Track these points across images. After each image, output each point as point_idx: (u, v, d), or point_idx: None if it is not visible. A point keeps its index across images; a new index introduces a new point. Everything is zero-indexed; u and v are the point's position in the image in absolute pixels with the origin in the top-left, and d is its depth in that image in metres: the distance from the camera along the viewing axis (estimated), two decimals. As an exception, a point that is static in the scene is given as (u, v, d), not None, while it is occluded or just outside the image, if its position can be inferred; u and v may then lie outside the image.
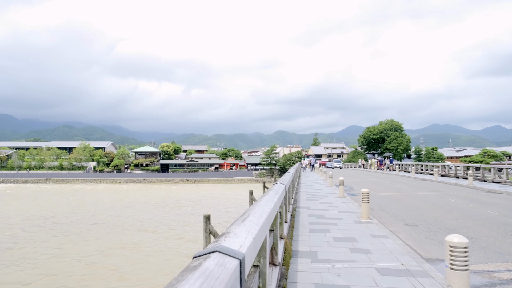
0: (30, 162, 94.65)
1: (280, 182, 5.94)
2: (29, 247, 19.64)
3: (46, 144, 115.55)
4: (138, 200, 43.21)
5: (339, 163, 70.57)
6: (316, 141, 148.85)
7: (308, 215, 10.12)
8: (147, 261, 16.76)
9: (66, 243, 20.68)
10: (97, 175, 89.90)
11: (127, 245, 20.12)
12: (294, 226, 8.32)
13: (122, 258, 17.19)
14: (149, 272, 15.06)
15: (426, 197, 15.74)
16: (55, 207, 37.31)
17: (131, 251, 18.72)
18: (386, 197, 15.99)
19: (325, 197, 14.83)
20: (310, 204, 12.51)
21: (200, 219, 26.24)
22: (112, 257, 17.42)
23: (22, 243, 20.77)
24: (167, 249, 18.98)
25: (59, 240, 21.44)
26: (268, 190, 4.69)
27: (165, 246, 19.81)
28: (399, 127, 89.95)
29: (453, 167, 30.49)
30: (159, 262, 16.53)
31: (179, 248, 19.20)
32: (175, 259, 16.94)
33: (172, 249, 19.01)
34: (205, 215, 18.71)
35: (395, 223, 9.62)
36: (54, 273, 14.99)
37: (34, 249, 19.28)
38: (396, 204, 13.61)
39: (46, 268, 15.74)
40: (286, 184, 6.02)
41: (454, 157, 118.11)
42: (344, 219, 9.47)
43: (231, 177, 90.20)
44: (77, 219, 29.59)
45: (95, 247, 19.63)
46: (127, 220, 28.66)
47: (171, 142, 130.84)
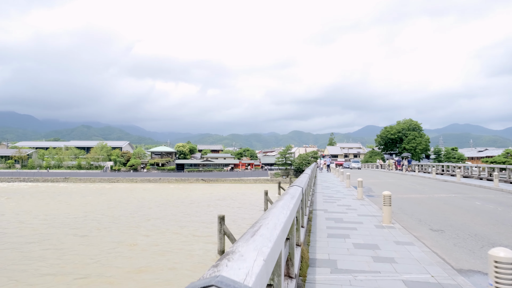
0: (49, 161, 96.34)
1: (296, 184, 5.46)
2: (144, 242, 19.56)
3: (65, 143, 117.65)
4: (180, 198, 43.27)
5: (357, 163, 67.74)
6: (332, 141, 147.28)
7: (325, 218, 9.60)
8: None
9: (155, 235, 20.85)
10: (114, 174, 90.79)
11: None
12: (311, 230, 7.82)
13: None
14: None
15: (450, 200, 15.00)
16: (100, 204, 37.72)
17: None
18: (407, 199, 15.31)
19: (343, 199, 14.26)
20: (328, 207, 11.98)
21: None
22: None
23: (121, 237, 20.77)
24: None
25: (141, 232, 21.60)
26: (283, 193, 4.22)
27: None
28: (418, 126, 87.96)
29: (476, 168, 29.37)
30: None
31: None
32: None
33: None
34: (220, 216, 18.42)
35: (419, 228, 9.02)
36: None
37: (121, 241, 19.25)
38: (418, 207, 12.95)
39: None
40: (303, 186, 5.54)
41: (475, 157, 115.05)
42: (364, 223, 8.91)
43: (246, 177, 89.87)
44: (138, 215, 29.93)
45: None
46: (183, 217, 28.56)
47: (186, 142, 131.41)
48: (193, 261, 15.66)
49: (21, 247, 18.44)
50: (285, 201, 3.57)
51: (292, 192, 4.39)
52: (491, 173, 27.76)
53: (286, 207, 3.27)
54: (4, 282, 12.92)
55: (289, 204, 3.47)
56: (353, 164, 66.58)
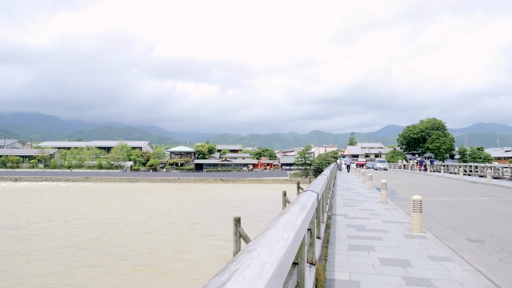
0: (71, 161, 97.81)
1: (310, 189, 4.48)
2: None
3: (86, 143, 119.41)
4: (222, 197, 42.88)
5: (383, 163, 58.31)
6: (352, 140, 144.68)
7: (346, 225, 8.55)
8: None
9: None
10: (133, 174, 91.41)
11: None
12: (329, 241, 6.80)
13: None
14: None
15: (484, 204, 13.66)
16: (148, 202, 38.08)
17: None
18: (436, 203, 14.04)
19: (365, 202, 13.12)
20: (348, 211, 10.90)
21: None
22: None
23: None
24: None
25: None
26: (292, 203, 3.25)
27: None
28: (442, 125, 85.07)
29: (508, 168, 27.55)
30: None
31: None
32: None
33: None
34: (235, 218, 17.26)
35: (455, 238, 7.86)
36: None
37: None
38: (449, 212, 11.71)
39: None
40: (318, 192, 4.55)
41: (502, 157, 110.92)
42: (391, 232, 7.82)
43: (265, 177, 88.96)
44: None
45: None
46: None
47: (205, 142, 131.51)
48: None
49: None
50: (290, 216, 2.61)
51: (303, 201, 3.41)
52: (525, 174, 25.99)
53: (291, 225, 2.30)
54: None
55: (295, 220, 2.50)
56: (378, 164, 58.32)
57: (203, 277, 14.44)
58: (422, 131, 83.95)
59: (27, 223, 26.89)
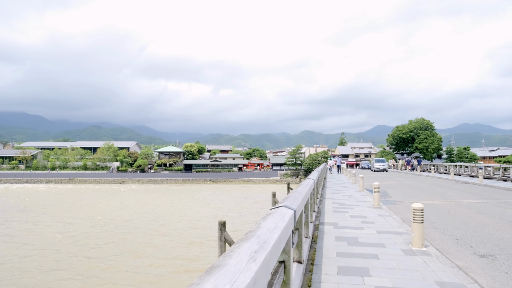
0: (54, 162, 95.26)
1: (285, 204, 3.29)
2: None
3: (71, 144, 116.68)
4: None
5: (382, 163, 48.01)
6: (342, 140, 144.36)
7: (335, 238, 7.39)
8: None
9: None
10: (120, 175, 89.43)
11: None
12: (315, 261, 5.63)
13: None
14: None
15: (483, 208, 12.66)
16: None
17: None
18: (432, 206, 13.00)
19: (356, 208, 12.01)
20: (338, 219, 9.76)
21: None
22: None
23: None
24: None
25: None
26: (241, 239, 2.03)
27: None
28: (430, 126, 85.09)
29: (501, 168, 26.79)
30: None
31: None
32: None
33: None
34: (220, 222, 15.92)
35: (461, 252, 6.77)
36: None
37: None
38: (448, 217, 10.65)
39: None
40: (296, 207, 3.38)
41: (487, 157, 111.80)
42: (388, 247, 6.68)
43: (255, 177, 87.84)
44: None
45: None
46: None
47: (195, 142, 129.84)
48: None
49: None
50: (238, 261, 1.43)
51: (262, 234, 2.20)
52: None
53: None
54: None
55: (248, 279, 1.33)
56: (376, 165, 47.72)
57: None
58: (411, 131, 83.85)
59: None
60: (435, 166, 43.20)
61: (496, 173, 27.72)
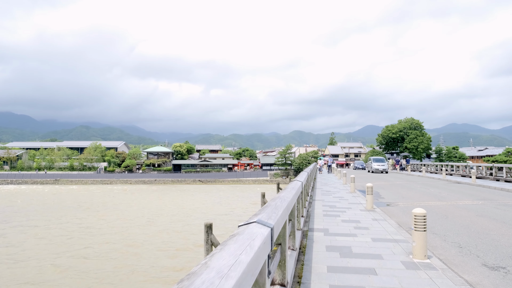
0: (40, 162, 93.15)
1: (259, 220, 2.41)
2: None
3: (57, 144, 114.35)
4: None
5: (382, 163, 40.98)
6: (332, 140, 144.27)
7: (326, 247, 6.54)
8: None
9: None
10: (107, 175, 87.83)
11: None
12: (302, 279, 4.75)
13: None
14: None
15: (481, 210, 11.95)
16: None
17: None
18: (428, 208, 12.27)
19: (348, 211, 11.20)
20: (329, 224, 8.93)
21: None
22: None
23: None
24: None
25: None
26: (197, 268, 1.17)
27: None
28: (419, 125, 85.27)
29: (494, 168, 26.30)
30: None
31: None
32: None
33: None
34: (206, 224, 14.88)
35: (468, 263, 5.97)
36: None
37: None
38: (447, 221, 9.90)
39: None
40: (274, 223, 2.51)
41: (475, 156, 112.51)
42: (386, 258, 5.86)
43: (245, 177, 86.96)
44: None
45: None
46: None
47: (184, 142, 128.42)
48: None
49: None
50: None
51: (217, 270, 1.35)
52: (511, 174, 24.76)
53: None
54: None
55: None
56: (375, 165, 40.82)
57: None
58: (401, 131, 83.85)
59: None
60: (426, 166, 42.79)
61: (489, 172, 27.22)
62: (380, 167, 40.31)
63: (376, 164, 40.76)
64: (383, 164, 40.63)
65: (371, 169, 41.26)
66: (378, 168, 40.23)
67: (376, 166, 40.51)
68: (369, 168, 42.99)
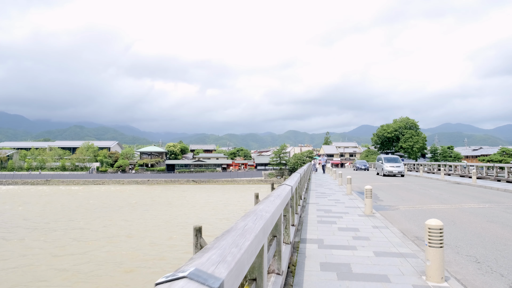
0: (31, 162, 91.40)
1: (189, 275, 1.30)
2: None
3: (49, 144, 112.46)
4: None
5: (397, 164, 32.54)
6: (327, 140, 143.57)
7: (321, 265, 5.45)
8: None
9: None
10: (100, 176, 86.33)
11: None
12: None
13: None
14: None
15: (490, 214, 10.94)
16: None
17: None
18: (432, 212, 11.24)
19: (346, 216, 10.12)
20: (324, 233, 7.84)
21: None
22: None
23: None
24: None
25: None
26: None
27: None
28: (415, 125, 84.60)
29: (495, 168, 25.40)
30: None
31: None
32: None
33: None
34: (195, 227, 13.81)
35: (493, 285, 4.92)
36: None
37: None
38: (456, 228, 8.86)
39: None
40: (224, 279, 1.36)
41: (470, 156, 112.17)
42: (394, 280, 4.76)
43: (239, 177, 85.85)
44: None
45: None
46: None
47: (178, 142, 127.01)
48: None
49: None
50: None
51: None
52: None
53: None
54: None
55: None
56: (388, 167, 32.21)
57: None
58: (396, 130, 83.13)
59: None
60: (423, 166, 41.92)
61: (490, 172, 26.31)
62: (395, 169, 31.62)
63: (389, 165, 32.06)
64: (399, 166, 32.02)
65: (383, 171, 32.37)
66: (392, 171, 31.51)
67: (389, 168, 31.72)
68: (379, 170, 34.43)
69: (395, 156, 34.74)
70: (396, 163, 32.58)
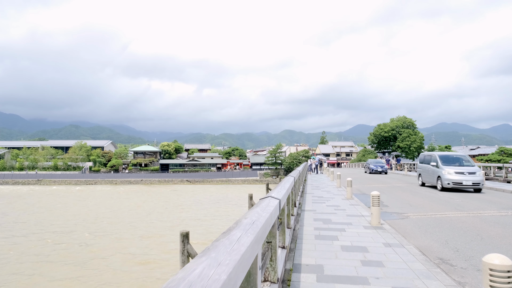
0: (22, 162, 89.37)
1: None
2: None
3: (42, 143, 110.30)
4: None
5: (468, 168, 18.18)
6: (323, 139, 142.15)
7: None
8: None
9: None
10: (92, 175, 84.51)
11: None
12: None
13: None
14: None
15: (509, 222, 9.34)
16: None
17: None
18: (448, 222, 9.59)
19: (348, 229, 8.45)
20: (324, 254, 6.16)
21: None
22: None
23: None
24: None
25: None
26: None
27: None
28: (412, 124, 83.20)
29: (504, 168, 23.85)
30: None
31: None
32: None
33: None
34: (182, 233, 12.00)
35: None
36: None
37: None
38: (486, 246, 7.21)
39: None
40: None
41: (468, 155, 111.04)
42: None
43: (234, 177, 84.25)
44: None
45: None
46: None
47: (173, 141, 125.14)
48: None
49: None
50: None
51: None
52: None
53: None
54: None
55: None
56: (453, 174, 17.78)
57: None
58: (393, 129, 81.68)
59: None
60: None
61: (498, 173, 24.76)
62: (468, 177, 17.73)
63: (453, 171, 18.13)
64: (473, 171, 18.11)
65: (441, 182, 18.39)
66: (461, 182, 17.64)
67: (455, 177, 17.83)
68: (428, 178, 20.45)
69: (459, 155, 20.72)
70: (467, 166, 18.77)
